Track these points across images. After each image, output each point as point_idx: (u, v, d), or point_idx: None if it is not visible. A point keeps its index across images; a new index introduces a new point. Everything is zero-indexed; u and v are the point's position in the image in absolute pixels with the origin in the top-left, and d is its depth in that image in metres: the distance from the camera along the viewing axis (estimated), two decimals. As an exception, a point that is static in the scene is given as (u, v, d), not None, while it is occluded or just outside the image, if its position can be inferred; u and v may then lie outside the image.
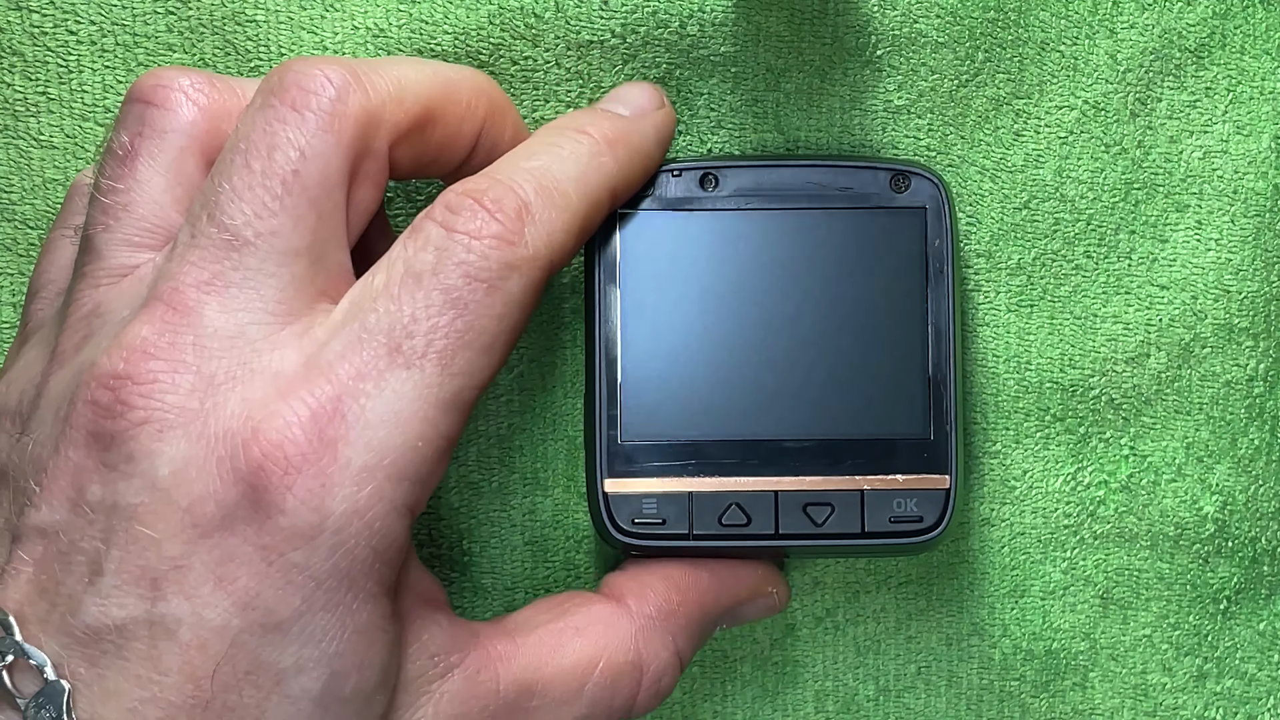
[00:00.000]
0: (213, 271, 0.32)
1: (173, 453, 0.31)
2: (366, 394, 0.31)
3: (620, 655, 0.37)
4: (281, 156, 0.32)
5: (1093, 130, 0.41)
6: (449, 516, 0.42)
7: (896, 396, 0.38)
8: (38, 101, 0.40)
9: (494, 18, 0.39)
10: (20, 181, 0.40)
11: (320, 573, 0.31)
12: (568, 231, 0.34)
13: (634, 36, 0.40)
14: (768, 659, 0.43)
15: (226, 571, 0.31)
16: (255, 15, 0.39)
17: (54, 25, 0.39)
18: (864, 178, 0.38)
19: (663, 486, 0.38)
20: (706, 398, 0.38)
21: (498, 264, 0.33)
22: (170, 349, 0.32)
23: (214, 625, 0.31)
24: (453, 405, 0.32)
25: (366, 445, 0.31)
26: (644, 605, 0.37)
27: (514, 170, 0.34)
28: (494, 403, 0.41)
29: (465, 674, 0.34)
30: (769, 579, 0.40)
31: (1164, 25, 0.41)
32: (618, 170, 0.36)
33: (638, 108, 0.38)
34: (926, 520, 0.38)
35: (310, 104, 0.33)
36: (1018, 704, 0.43)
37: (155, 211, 0.34)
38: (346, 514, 0.31)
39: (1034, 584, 0.42)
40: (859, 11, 0.40)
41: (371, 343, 0.32)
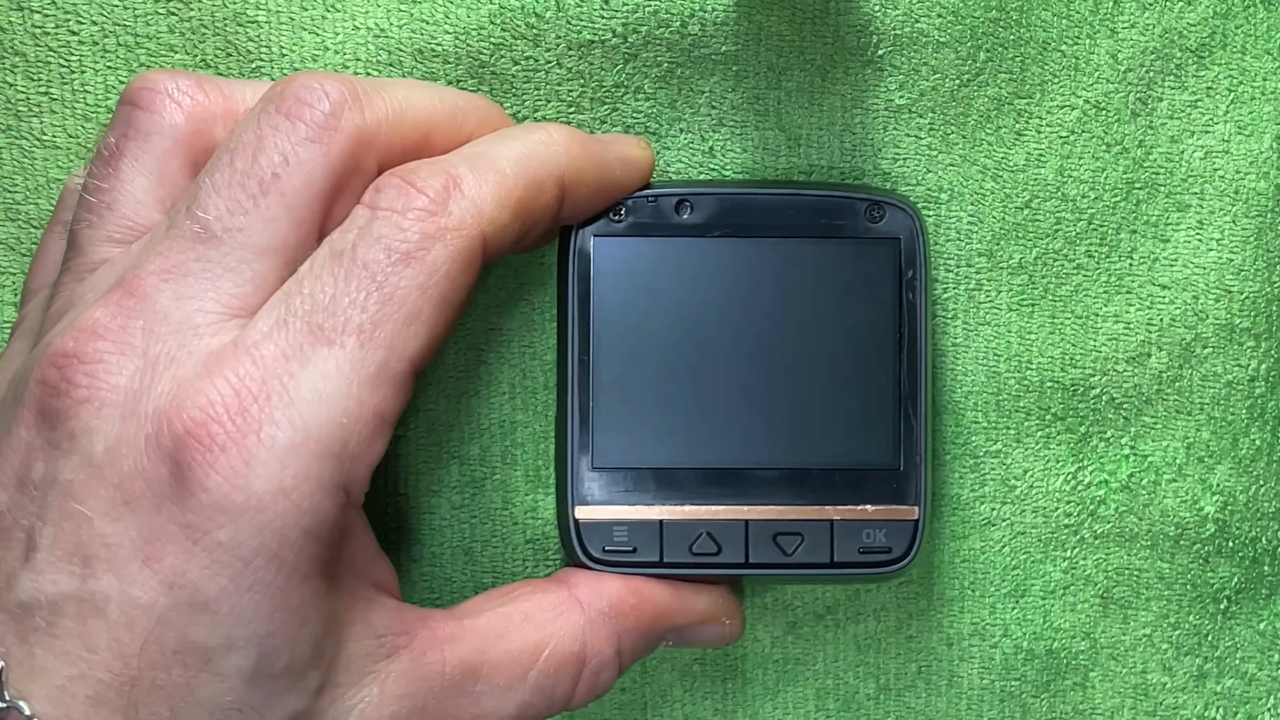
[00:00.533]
0: (175, 261, 0.33)
1: (108, 430, 0.32)
2: (290, 373, 0.32)
3: (566, 645, 0.37)
4: (265, 160, 0.33)
5: (1094, 130, 0.41)
6: (451, 515, 0.42)
7: (867, 427, 0.39)
8: (40, 102, 0.40)
9: (495, 17, 0.39)
10: (24, 181, 0.40)
11: (247, 552, 0.31)
12: (500, 204, 0.34)
13: (635, 36, 0.40)
14: (768, 657, 0.43)
15: (154, 550, 0.31)
16: (256, 16, 0.39)
17: (56, 26, 0.39)
18: (838, 207, 0.39)
19: (633, 514, 0.38)
20: (678, 425, 0.39)
21: (418, 235, 0.33)
22: (120, 331, 0.32)
23: (141, 603, 0.31)
24: (379, 379, 0.33)
25: (290, 423, 0.32)
26: (597, 601, 0.38)
27: (451, 155, 0.35)
28: (497, 398, 0.41)
29: (412, 655, 0.35)
30: (726, 609, 0.40)
31: (1165, 25, 0.41)
32: (567, 161, 0.36)
33: (607, 137, 0.39)
34: (895, 551, 0.39)
35: (304, 115, 0.33)
36: (1018, 703, 0.43)
37: (137, 210, 0.35)
38: (272, 493, 0.31)
39: (1034, 583, 0.42)
40: (860, 10, 0.40)
41: (295, 323, 0.32)
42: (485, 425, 0.41)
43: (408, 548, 0.42)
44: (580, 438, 0.38)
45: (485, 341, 0.41)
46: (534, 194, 0.35)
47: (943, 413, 0.42)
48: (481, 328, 0.41)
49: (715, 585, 0.40)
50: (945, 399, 0.42)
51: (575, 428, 0.38)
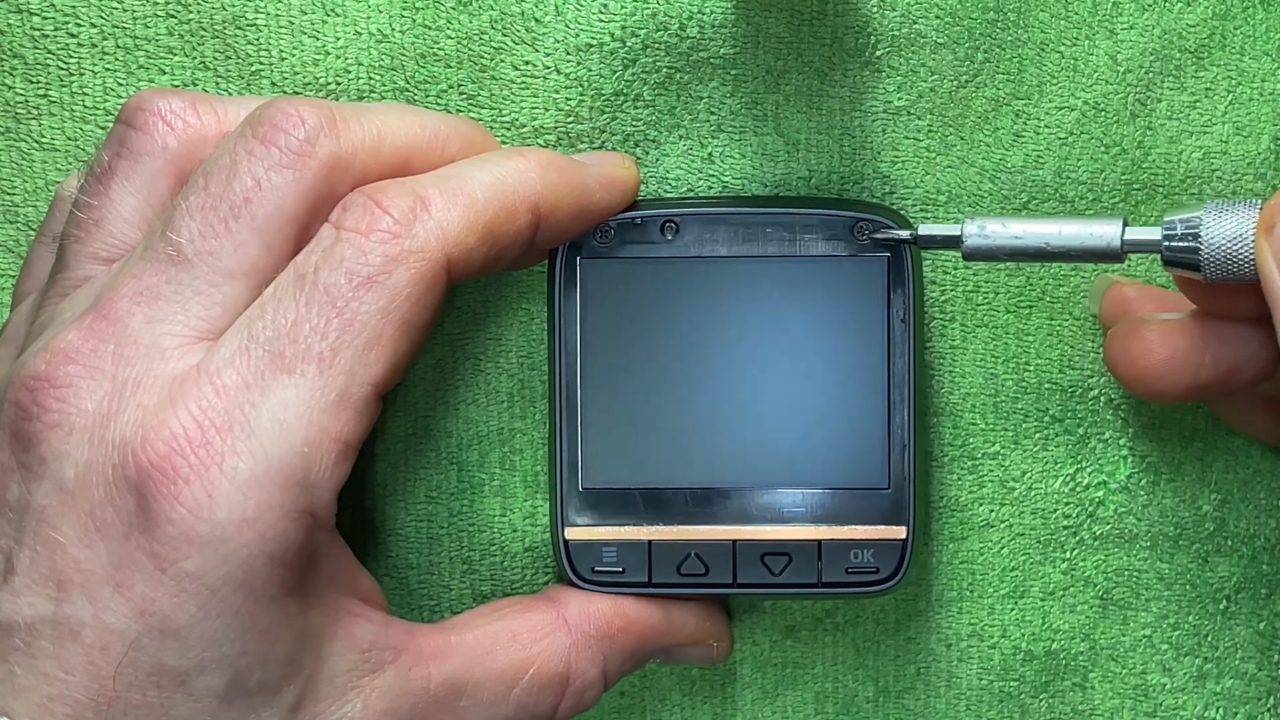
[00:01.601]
0: (148, 283, 0.33)
1: (78, 456, 0.32)
2: (252, 403, 0.32)
3: (551, 665, 0.37)
4: (238, 184, 0.33)
5: (1092, 131, 0.41)
6: (449, 523, 0.42)
7: (855, 447, 0.39)
8: (39, 104, 0.40)
9: (495, 22, 0.39)
10: (22, 184, 0.40)
11: (213, 581, 0.32)
12: (468, 228, 0.34)
13: (634, 39, 0.40)
14: (767, 660, 0.43)
15: (124, 577, 0.32)
16: (256, 19, 0.39)
17: (54, 28, 0.39)
18: (826, 225, 0.38)
19: (622, 535, 0.39)
20: (666, 445, 0.39)
21: (380, 258, 0.33)
22: (91, 355, 0.33)
23: (115, 629, 0.32)
24: (340, 406, 0.33)
25: (252, 454, 0.32)
26: (584, 623, 0.38)
27: (423, 176, 0.35)
28: (495, 406, 0.41)
29: (397, 670, 0.35)
30: (714, 631, 0.40)
31: (1164, 26, 0.41)
32: (542, 187, 0.36)
33: (588, 158, 0.39)
34: (882, 571, 0.39)
35: (278, 140, 0.34)
36: (1017, 705, 0.43)
37: (123, 229, 0.35)
38: (235, 523, 0.32)
39: (1033, 585, 0.43)
40: (858, 12, 0.40)
41: (256, 350, 0.33)
42: (484, 432, 0.41)
43: (405, 555, 0.42)
44: (569, 459, 0.39)
45: (484, 351, 0.41)
46: (505, 219, 0.35)
47: (940, 415, 0.42)
48: (480, 337, 0.41)
49: (704, 605, 0.40)
50: (943, 401, 0.42)
51: (564, 449, 0.39)
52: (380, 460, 0.41)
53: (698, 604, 0.40)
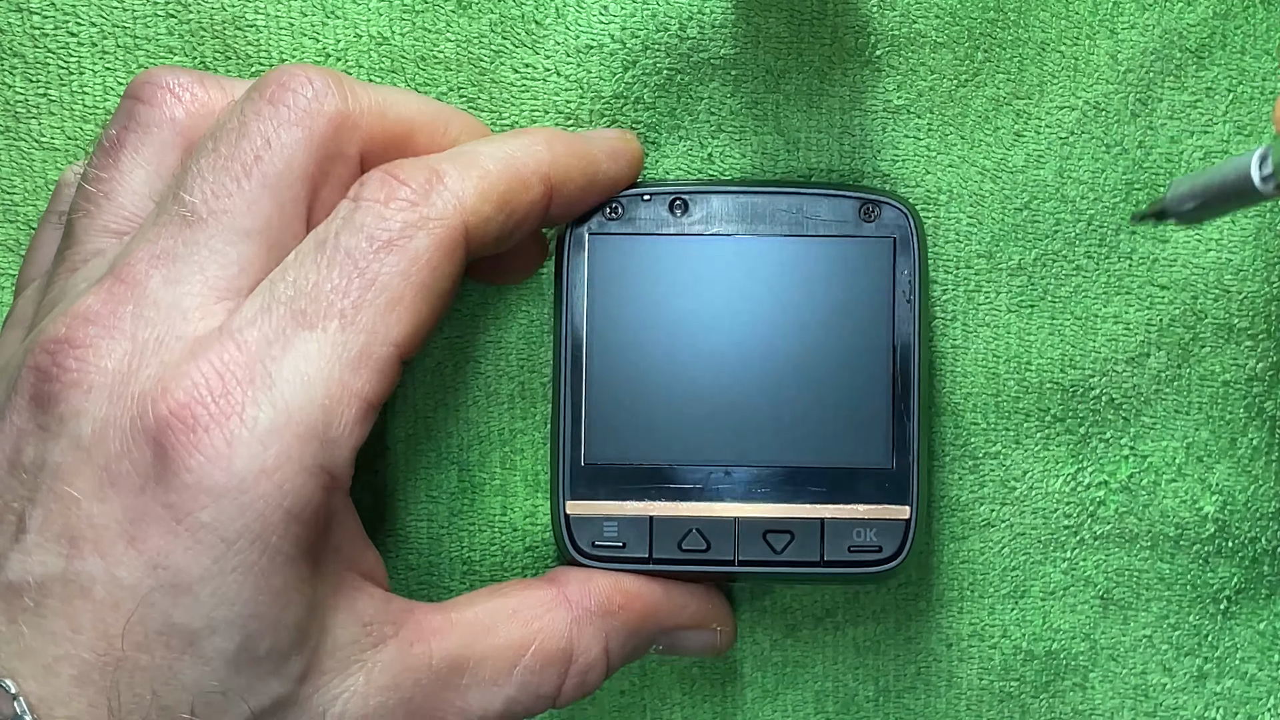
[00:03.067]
0: (165, 246, 0.33)
1: (95, 412, 0.32)
2: (273, 357, 0.32)
3: (552, 642, 0.37)
4: (248, 144, 0.34)
5: (1093, 130, 0.41)
6: (450, 522, 0.42)
7: (860, 427, 0.39)
8: (39, 103, 0.40)
9: (495, 25, 0.39)
10: (22, 182, 0.40)
11: (230, 533, 0.32)
12: (482, 197, 0.35)
13: (634, 41, 0.40)
14: (768, 659, 0.43)
15: (138, 531, 0.31)
16: (255, 20, 0.39)
17: (54, 27, 0.39)
18: (833, 206, 0.39)
19: (623, 510, 0.39)
20: (670, 422, 0.39)
21: (400, 224, 0.34)
22: (111, 316, 0.33)
23: (126, 584, 0.31)
24: (360, 363, 0.33)
25: (273, 405, 0.32)
26: (585, 599, 0.38)
27: (434, 154, 0.36)
28: (496, 408, 0.41)
29: (399, 645, 0.35)
30: (717, 615, 0.40)
31: (1164, 25, 0.41)
32: (551, 159, 0.36)
33: (593, 133, 0.39)
34: (886, 551, 0.38)
35: (286, 99, 0.34)
36: (1017, 705, 0.43)
37: (134, 201, 0.35)
38: (255, 473, 0.32)
39: (1034, 585, 0.43)
40: (858, 12, 0.40)
41: (279, 308, 0.33)
42: (485, 433, 0.41)
43: (406, 555, 0.42)
44: (572, 434, 0.39)
45: (484, 353, 0.41)
46: (518, 189, 0.36)
47: (942, 414, 0.42)
48: (481, 339, 0.41)
49: (706, 588, 0.40)
50: (944, 400, 0.42)
51: (568, 423, 0.39)
52: (381, 460, 0.41)
53: (700, 586, 0.40)
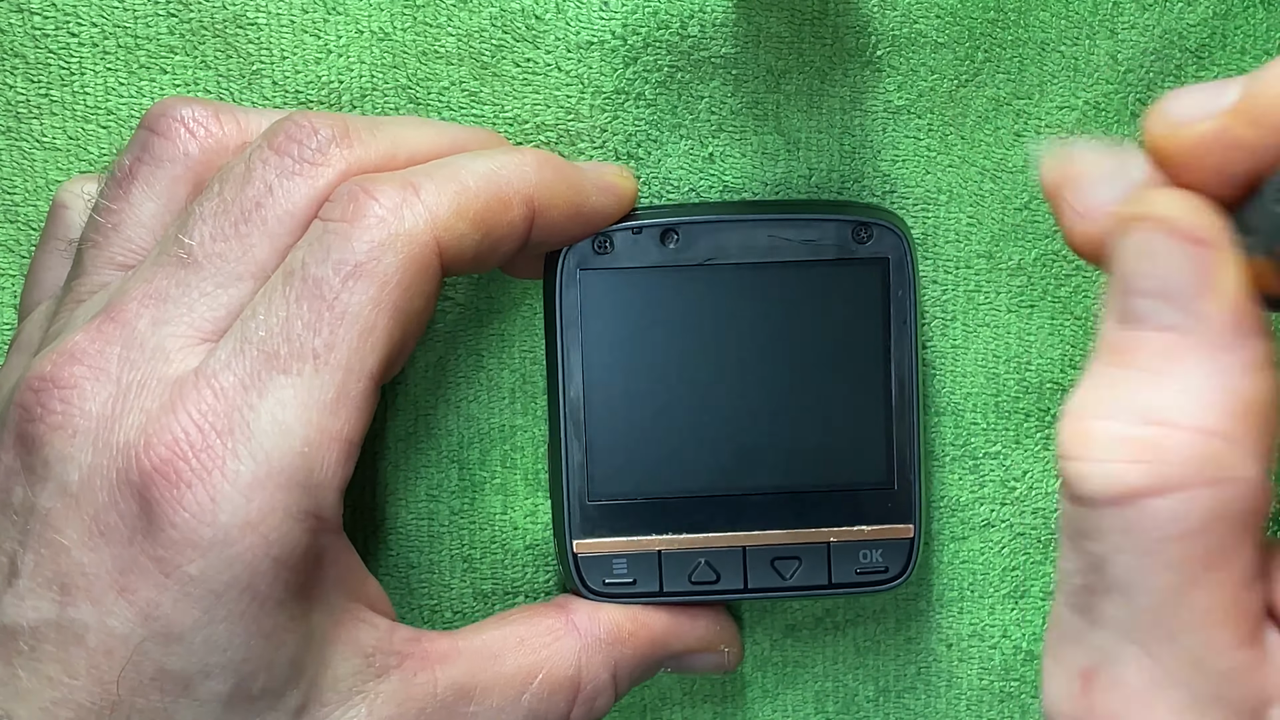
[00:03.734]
0: (158, 286, 0.33)
1: (82, 459, 0.32)
2: (250, 405, 0.32)
3: (561, 670, 0.37)
4: (251, 190, 0.34)
5: (1093, 131, 0.41)
6: (450, 521, 0.42)
7: (860, 447, 0.39)
8: (40, 104, 0.40)
9: (496, 19, 0.39)
10: (23, 183, 0.40)
11: (218, 585, 0.32)
12: (458, 212, 0.34)
13: (635, 38, 0.40)
14: (768, 659, 0.43)
15: (128, 582, 0.32)
16: (257, 18, 0.39)
17: (55, 28, 0.39)
18: (826, 230, 0.38)
19: (632, 547, 0.39)
20: (672, 454, 0.39)
21: (366, 245, 0.33)
22: (98, 356, 0.33)
23: (119, 633, 0.32)
24: (339, 403, 0.33)
25: (253, 456, 0.32)
26: (594, 627, 0.38)
27: (413, 168, 0.35)
28: (497, 403, 0.41)
29: (402, 675, 0.35)
30: (724, 637, 0.40)
31: (1165, 26, 0.41)
32: (537, 181, 0.36)
33: (587, 165, 0.39)
34: (891, 570, 0.39)
35: (291, 150, 0.34)
36: (1017, 705, 0.43)
37: (142, 234, 0.35)
38: (239, 526, 0.31)
39: (1034, 585, 0.42)
40: (859, 12, 0.40)
41: (250, 351, 0.32)
42: (485, 430, 0.41)
43: (406, 554, 0.42)
44: (575, 472, 0.38)
45: (486, 347, 0.41)
46: (497, 208, 0.35)
47: (942, 414, 0.42)
48: (482, 334, 0.41)
49: (713, 610, 0.40)
50: (944, 401, 0.42)
51: (569, 462, 0.38)
52: (381, 458, 0.41)
53: (706, 609, 0.40)
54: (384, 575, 0.42)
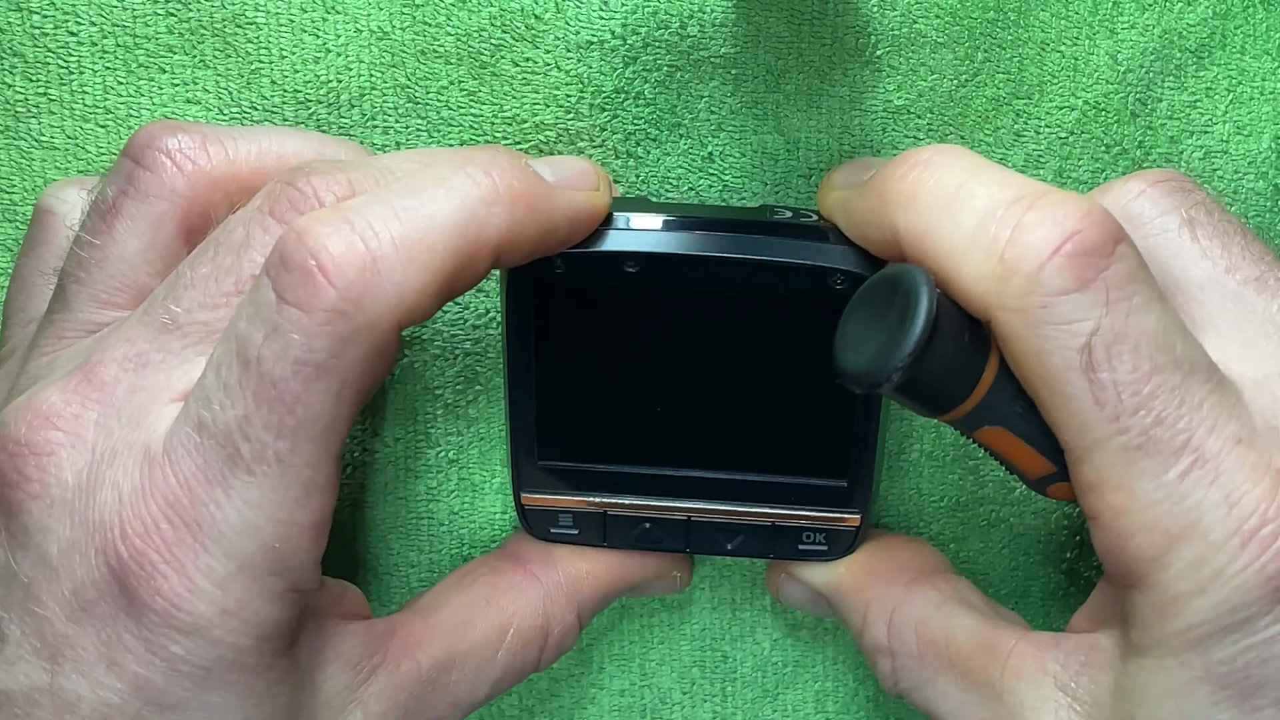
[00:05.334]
0: (139, 349, 0.33)
1: (61, 532, 0.32)
2: (217, 503, 0.31)
3: (529, 621, 0.38)
4: (247, 258, 0.32)
5: (1093, 131, 0.41)
6: (450, 520, 0.42)
7: (817, 447, 0.38)
8: (39, 103, 0.40)
9: (495, 19, 0.39)
10: (21, 182, 0.40)
11: (205, 661, 0.31)
12: (422, 292, 0.31)
13: (634, 37, 0.40)
14: (768, 660, 0.43)
15: (115, 656, 0.31)
16: (256, 18, 0.39)
17: (54, 26, 0.39)
18: (798, 274, 0.36)
19: (578, 505, 0.39)
20: (626, 440, 0.39)
21: (328, 342, 0.30)
22: (73, 421, 0.32)
23: (114, 704, 0.31)
24: (307, 497, 0.31)
25: (226, 555, 0.31)
26: (552, 573, 0.39)
27: (378, 209, 0.31)
28: (495, 406, 0.41)
29: (389, 670, 0.36)
30: (675, 564, 0.42)
31: (1164, 25, 0.41)
32: (508, 228, 0.32)
33: (565, 179, 0.35)
34: (833, 552, 0.39)
35: (290, 219, 0.33)
36: (1018, 704, 0.43)
37: (126, 271, 0.35)
38: (218, 614, 0.31)
39: (1034, 585, 0.42)
40: (859, 12, 0.40)
41: (213, 445, 0.31)
42: (484, 431, 0.41)
43: (406, 553, 0.42)
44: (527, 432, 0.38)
45: (484, 351, 0.41)
46: (464, 267, 0.32)
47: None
48: (481, 334, 0.41)
49: None
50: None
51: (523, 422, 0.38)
52: (380, 459, 0.41)
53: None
54: (384, 575, 0.42)
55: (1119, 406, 0.30)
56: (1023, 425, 0.32)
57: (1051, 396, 0.30)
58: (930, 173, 0.32)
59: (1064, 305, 0.29)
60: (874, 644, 0.38)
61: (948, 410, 0.31)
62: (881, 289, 0.31)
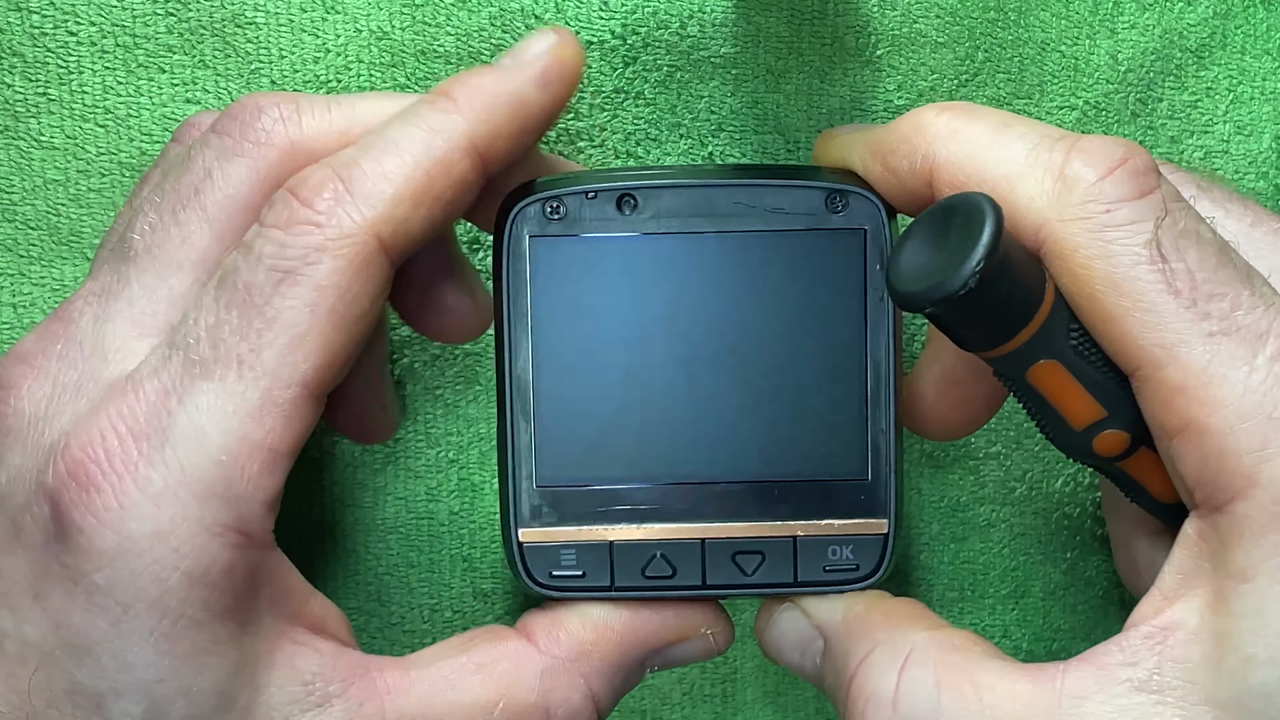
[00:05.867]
0: (103, 283, 0.33)
1: (11, 460, 0.31)
2: (170, 411, 0.30)
3: (523, 696, 0.34)
4: (189, 177, 0.33)
5: (1093, 131, 0.41)
6: (450, 520, 0.42)
7: (832, 435, 0.35)
8: (38, 102, 0.40)
9: (495, 19, 0.39)
10: (21, 182, 0.40)
11: (124, 596, 0.30)
12: (395, 199, 0.31)
13: (634, 37, 0.40)
14: (768, 661, 0.43)
15: (42, 588, 0.30)
16: (255, 17, 0.39)
17: (54, 26, 0.39)
18: (796, 197, 0.35)
19: (581, 536, 0.35)
20: (628, 438, 0.35)
21: (300, 249, 0.31)
22: (40, 357, 0.32)
23: (33, 641, 0.30)
24: (264, 411, 0.31)
25: (167, 464, 0.30)
26: (554, 645, 0.35)
27: (348, 150, 0.32)
28: (493, 406, 0.41)
29: (346, 705, 0.32)
30: (704, 619, 0.36)
31: (1165, 25, 0.41)
32: (472, 121, 0.32)
33: (519, 56, 0.34)
34: (863, 568, 0.35)
35: (233, 130, 0.33)
36: (1018, 705, 0.43)
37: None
38: (148, 535, 0.30)
39: (1034, 585, 0.42)
40: (859, 12, 0.40)
41: (176, 356, 0.31)
42: (484, 431, 0.41)
43: (406, 553, 0.42)
44: (523, 454, 0.35)
45: (483, 349, 0.41)
46: (439, 174, 0.32)
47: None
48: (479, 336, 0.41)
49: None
50: (945, 400, 0.42)
51: (517, 443, 0.35)
52: (380, 459, 0.41)
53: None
54: (384, 575, 0.42)
55: (1195, 292, 0.29)
56: (1077, 360, 0.31)
57: (1120, 300, 0.30)
58: (969, 114, 0.32)
59: (1127, 209, 0.30)
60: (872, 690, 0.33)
61: (1008, 338, 0.30)
62: (938, 217, 0.30)
